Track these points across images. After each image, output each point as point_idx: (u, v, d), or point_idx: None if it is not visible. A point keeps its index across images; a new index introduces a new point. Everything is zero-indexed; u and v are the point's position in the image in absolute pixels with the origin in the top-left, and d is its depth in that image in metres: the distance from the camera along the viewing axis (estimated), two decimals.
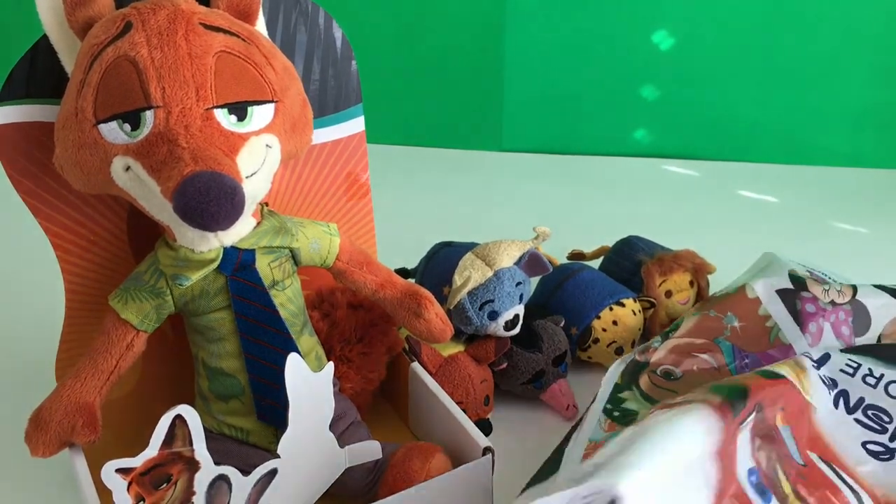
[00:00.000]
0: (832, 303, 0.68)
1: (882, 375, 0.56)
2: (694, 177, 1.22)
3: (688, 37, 1.24)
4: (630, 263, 0.80)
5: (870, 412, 0.55)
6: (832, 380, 0.56)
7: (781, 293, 0.70)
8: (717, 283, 0.80)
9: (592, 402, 0.63)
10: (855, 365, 0.57)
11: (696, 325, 0.70)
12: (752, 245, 0.88)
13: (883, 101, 1.22)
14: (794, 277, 0.71)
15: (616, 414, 0.62)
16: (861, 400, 0.56)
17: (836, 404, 0.56)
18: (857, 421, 0.55)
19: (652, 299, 0.75)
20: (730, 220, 1.07)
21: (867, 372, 0.57)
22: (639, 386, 0.65)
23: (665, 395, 0.64)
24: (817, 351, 0.58)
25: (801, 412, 0.52)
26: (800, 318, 0.68)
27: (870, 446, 0.53)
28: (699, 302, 0.76)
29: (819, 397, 0.55)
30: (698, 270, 0.79)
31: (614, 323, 0.72)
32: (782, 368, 0.55)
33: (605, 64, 1.28)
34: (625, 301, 0.73)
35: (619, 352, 0.73)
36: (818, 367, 0.57)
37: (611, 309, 0.72)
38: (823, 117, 1.25)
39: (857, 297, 0.69)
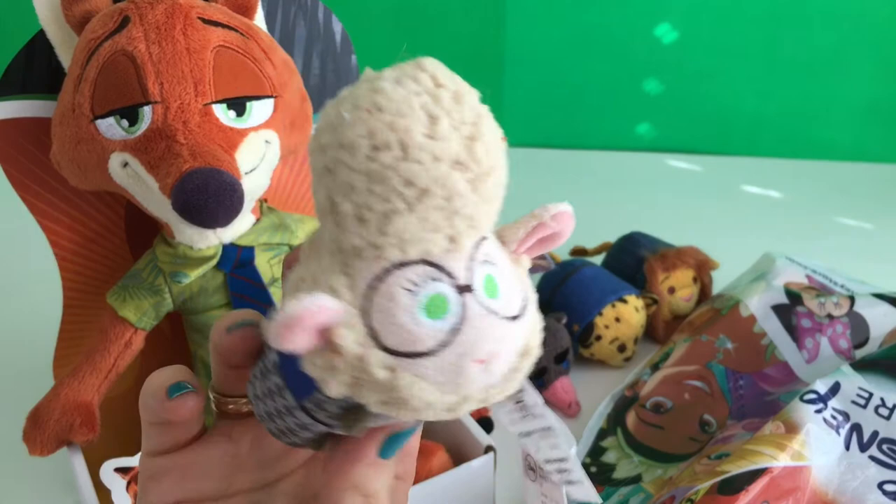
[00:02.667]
0: (829, 316, 0.68)
1: (895, 406, 0.54)
2: (697, 172, 1.22)
3: (691, 30, 1.24)
4: (633, 260, 0.79)
5: (885, 447, 0.52)
6: (844, 413, 0.54)
7: (777, 309, 0.69)
8: (721, 280, 0.80)
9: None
10: (867, 395, 0.55)
11: (686, 352, 0.69)
12: (755, 241, 0.87)
13: (888, 95, 1.21)
14: (789, 292, 0.70)
15: (593, 470, 0.61)
16: (875, 434, 0.53)
17: (847, 445, 0.53)
18: (872, 458, 0.52)
19: (655, 296, 0.75)
20: (733, 215, 1.06)
21: (879, 402, 0.54)
22: (625, 426, 0.65)
23: (651, 435, 0.63)
24: (824, 381, 0.55)
25: (790, 491, 0.50)
26: (796, 334, 0.68)
27: (886, 486, 0.51)
28: (691, 316, 0.75)
29: (822, 449, 0.52)
30: (701, 267, 0.78)
31: (617, 320, 0.72)
32: (762, 447, 0.52)
33: (607, 58, 1.28)
34: (627, 298, 0.73)
35: (622, 349, 0.72)
36: (825, 405, 0.54)
37: (613, 306, 0.72)
38: (828, 111, 1.24)
39: (855, 308, 0.68)
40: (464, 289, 0.20)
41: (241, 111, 0.46)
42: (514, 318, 0.21)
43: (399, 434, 0.24)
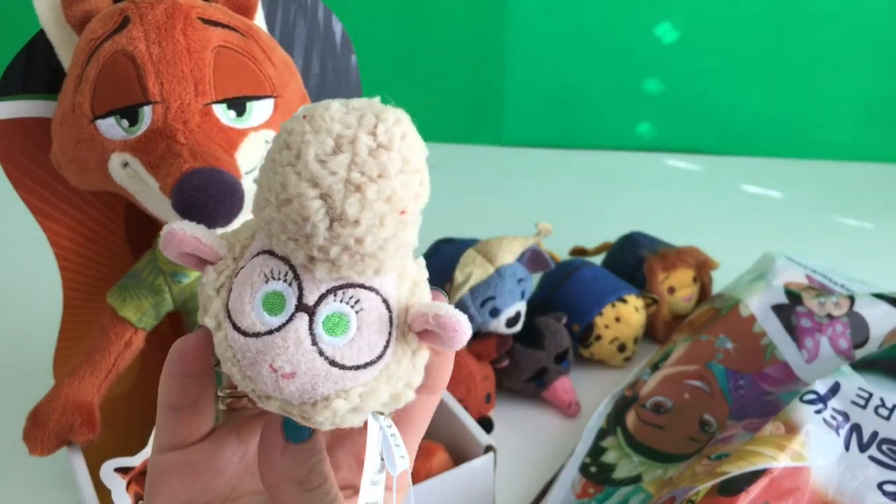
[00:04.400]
0: (829, 316, 0.68)
1: (895, 406, 0.54)
2: (697, 171, 1.22)
3: (691, 30, 1.24)
4: (633, 259, 0.79)
5: (884, 447, 0.52)
6: (844, 413, 0.54)
7: (776, 309, 0.69)
8: (721, 280, 0.80)
9: (569, 457, 0.62)
10: (866, 395, 0.55)
11: (686, 351, 0.69)
12: (755, 240, 0.87)
13: (889, 94, 1.21)
14: (789, 292, 0.70)
15: (593, 470, 0.61)
16: (875, 434, 0.53)
17: (847, 445, 0.53)
18: (872, 458, 0.52)
19: (655, 296, 0.75)
20: (733, 215, 1.06)
21: (879, 402, 0.54)
22: (625, 426, 0.65)
23: (651, 434, 0.63)
24: (824, 381, 0.55)
25: (790, 491, 0.50)
26: (795, 334, 0.67)
27: (886, 486, 0.51)
28: (691, 315, 0.75)
29: (822, 449, 0.52)
30: (701, 267, 0.78)
31: (617, 320, 0.72)
32: (762, 448, 0.52)
33: (607, 57, 1.28)
34: (627, 297, 0.73)
35: (622, 349, 0.72)
36: (824, 405, 0.54)
37: (613, 306, 0.72)
38: (829, 111, 1.24)
39: (855, 308, 0.68)
40: (303, 307, 0.22)
41: (241, 111, 0.46)
42: (338, 364, 0.22)
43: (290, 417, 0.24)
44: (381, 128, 0.21)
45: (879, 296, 0.69)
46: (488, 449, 0.53)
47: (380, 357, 0.22)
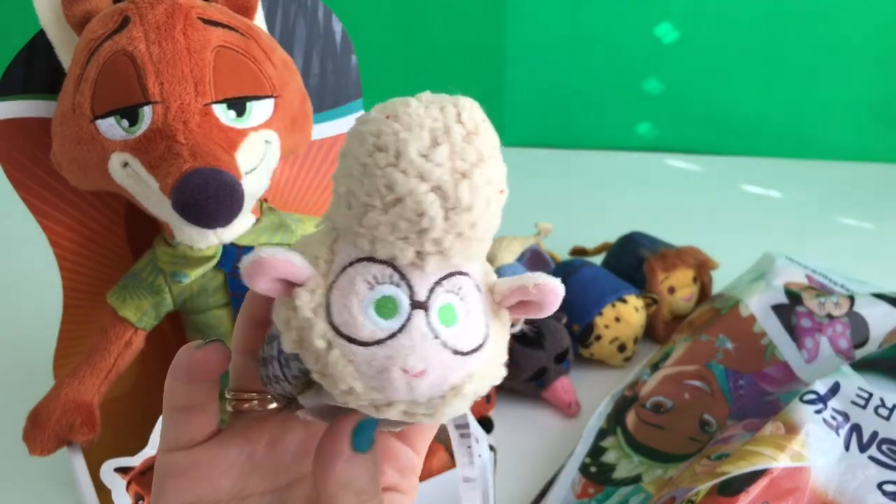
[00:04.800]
0: (829, 316, 0.68)
1: (895, 406, 0.54)
2: (697, 171, 1.22)
3: (691, 30, 1.24)
4: (633, 259, 0.79)
5: (884, 447, 0.52)
6: (844, 413, 0.54)
7: (776, 309, 0.69)
8: (721, 280, 0.80)
9: (569, 457, 0.63)
10: (866, 395, 0.55)
11: (686, 351, 0.69)
12: (755, 240, 0.87)
13: (889, 94, 1.21)
14: (789, 292, 0.70)
15: (593, 470, 0.61)
16: (875, 434, 0.53)
17: (847, 445, 0.53)
18: (872, 459, 0.52)
19: (655, 296, 0.75)
20: (733, 215, 1.06)
21: (879, 402, 0.54)
22: (625, 426, 0.65)
23: (651, 434, 0.63)
24: (824, 381, 0.55)
25: (790, 492, 0.50)
26: (795, 334, 0.67)
27: (886, 486, 0.51)
28: (691, 315, 0.75)
29: (822, 449, 0.52)
30: (701, 267, 0.78)
31: (617, 320, 0.72)
32: (762, 448, 0.52)
33: (607, 57, 1.28)
34: (627, 297, 0.73)
35: (622, 349, 0.72)
36: (824, 405, 0.54)
37: (613, 305, 0.72)
38: (829, 111, 1.24)
39: (855, 308, 0.68)
40: (418, 304, 0.22)
41: (241, 111, 0.46)
42: (459, 352, 0.22)
43: (362, 424, 0.24)
44: (465, 115, 0.22)
45: (879, 296, 0.69)
46: (488, 448, 0.53)
47: (487, 337, 0.23)
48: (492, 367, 0.23)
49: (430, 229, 0.21)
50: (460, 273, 0.23)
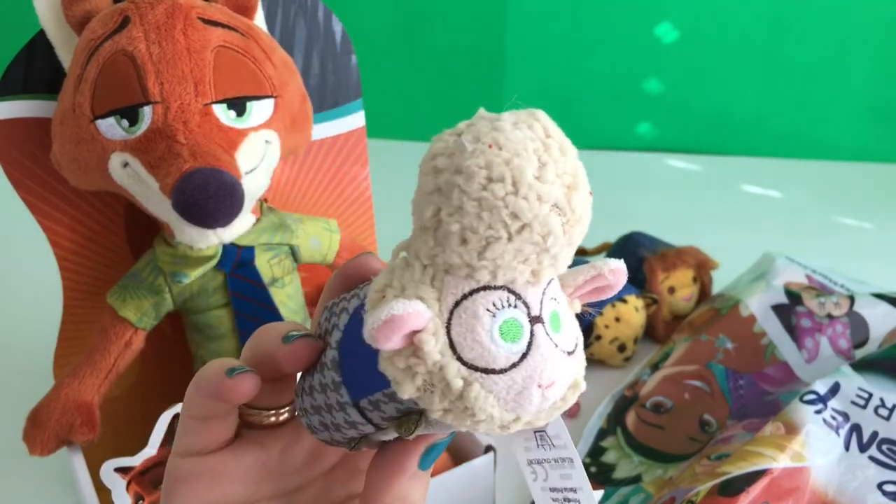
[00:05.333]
0: (829, 316, 0.68)
1: (895, 406, 0.54)
2: (697, 171, 1.22)
3: (691, 30, 1.24)
4: (633, 259, 0.79)
5: (884, 447, 0.52)
6: (844, 414, 0.54)
7: (776, 309, 0.69)
8: (721, 280, 0.80)
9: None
10: (866, 395, 0.55)
11: (686, 352, 0.69)
12: (755, 240, 0.87)
13: (888, 95, 1.21)
14: (789, 292, 0.70)
15: (593, 470, 0.61)
16: (874, 434, 0.53)
17: (847, 445, 0.53)
18: (872, 459, 0.52)
19: (655, 296, 0.75)
20: (733, 215, 1.06)
21: (879, 403, 0.54)
22: (625, 426, 0.65)
23: (651, 434, 0.63)
24: (824, 381, 0.55)
25: (790, 492, 0.50)
26: (795, 334, 0.67)
27: (886, 486, 0.50)
28: (691, 315, 0.75)
29: (822, 449, 0.52)
30: (701, 267, 0.78)
31: (617, 320, 0.72)
32: (762, 448, 0.52)
33: (607, 57, 1.28)
34: (627, 298, 0.73)
35: (622, 349, 0.72)
36: (824, 405, 0.54)
37: (613, 306, 0.72)
38: (828, 111, 1.24)
39: (855, 308, 0.68)
40: (535, 319, 0.22)
41: (241, 111, 0.46)
42: (569, 353, 0.23)
43: (437, 445, 0.25)
44: (551, 130, 0.22)
45: (879, 296, 0.69)
46: (488, 449, 0.53)
47: (577, 331, 0.24)
48: (583, 357, 0.24)
49: (553, 245, 0.21)
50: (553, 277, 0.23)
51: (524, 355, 0.22)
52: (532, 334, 0.22)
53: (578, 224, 0.22)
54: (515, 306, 0.22)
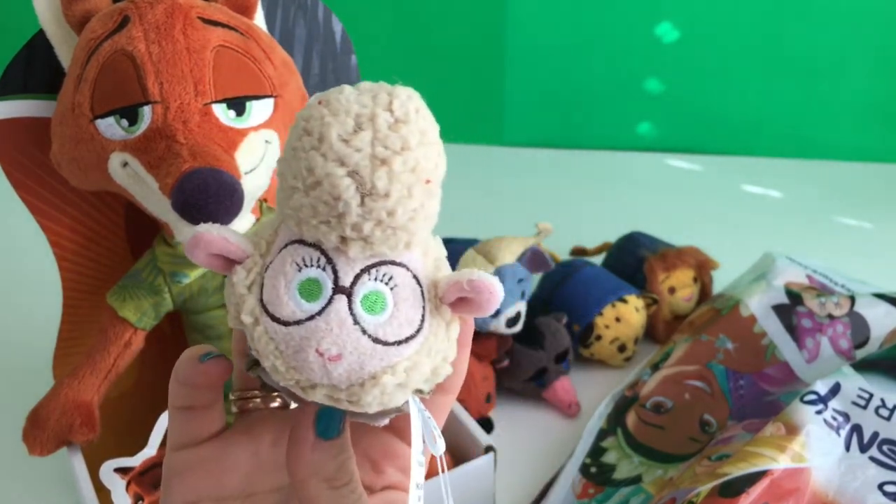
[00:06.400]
0: (829, 316, 0.67)
1: (895, 406, 0.54)
2: (698, 171, 1.22)
3: (692, 30, 1.24)
4: (633, 259, 0.79)
5: (885, 447, 0.52)
6: (844, 414, 0.54)
7: (777, 309, 0.69)
8: (721, 280, 0.80)
9: (569, 457, 0.62)
10: (867, 396, 0.55)
11: (686, 352, 0.69)
12: (756, 240, 0.87)
13: (889, 94, 1.21)
14: (789, 292, 0.70)
15: (593, 470, 0.61)
16: (875, 435, 0.53)
17: (847, 446, 0.53)
18: (873, 459, 0.52)
19: (655, 296, 0.75)
20: (734, 215, 1.06)
21: (880, 403, 0.54)
22: (625, 426, 0.65)
23: (651, 435, 0.63)
24: (824, 381, 0.55)
25: (791, 492, 0.50)
26: (796, 334, 0.67)
27: (887, 487, 0.50)
28: (691, 316, 0.75)
29: (823, 450, 0.52)
30: (702, 267, 0.78)
31: (617, 320, 0.72)
32: (762, 449, 0.51)
33: (607, 57, 1.28)
34: (628, 298, 0.73)
35: (622, 349, 0.72)
36: (825, 406, 0.54)
37: (613, 306, 0.72)
38: (829, 111, 1.24)
39: (856, 308, 0.68)
40: (341, 289, 0.22)
41: (241, 111, 0.46)
42: (381, 342, 0.22)
43: (324, 411, 0.24)
44: (396, 103, 0.22)
45: (880, 296, 0.69)
46: (488, 449, 0.52)
47: (418, 331, 0.23)
48: (426, 361, 0.23)
49: (347, 214, 0.21)
50: (393, 263, 0.23)
51: (312, 317, 0.22)
52: (330, 301, 0.22)
53: (382, 201, 0.21)
54: (323, 269, 0.22)
